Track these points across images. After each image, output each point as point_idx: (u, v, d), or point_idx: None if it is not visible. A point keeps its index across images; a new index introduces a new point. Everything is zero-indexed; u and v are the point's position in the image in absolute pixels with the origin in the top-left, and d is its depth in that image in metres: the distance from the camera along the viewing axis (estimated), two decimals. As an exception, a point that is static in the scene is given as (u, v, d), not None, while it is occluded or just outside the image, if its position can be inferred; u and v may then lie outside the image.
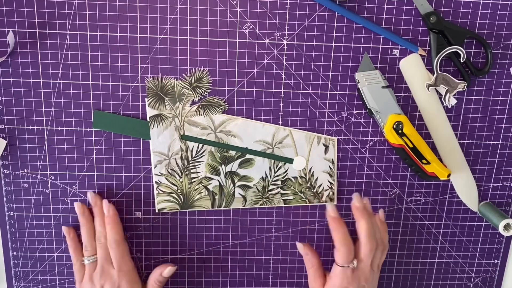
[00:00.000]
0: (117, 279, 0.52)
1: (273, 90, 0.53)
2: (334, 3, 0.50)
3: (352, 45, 0.52)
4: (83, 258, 0.53)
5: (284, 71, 0.53)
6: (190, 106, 0.53)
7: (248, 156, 0.55)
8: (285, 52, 0.52)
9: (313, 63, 0.53)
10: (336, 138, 0.55)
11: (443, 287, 0.62)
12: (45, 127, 0.53)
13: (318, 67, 0.53)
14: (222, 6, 0.50)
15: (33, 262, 0.58)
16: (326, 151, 0.55)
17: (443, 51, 0.51)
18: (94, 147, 0.54)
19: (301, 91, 0.53)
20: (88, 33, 0.50)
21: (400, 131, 0.52)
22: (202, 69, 0.52)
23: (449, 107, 0.54)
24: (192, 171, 0.55)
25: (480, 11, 0.52)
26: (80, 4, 0.49)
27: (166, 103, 0.53)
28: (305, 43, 0.52)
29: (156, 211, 0.56)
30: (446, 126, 0.55)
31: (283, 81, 0.53)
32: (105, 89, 0.52)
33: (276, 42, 0.52)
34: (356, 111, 0.55)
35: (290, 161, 0.55)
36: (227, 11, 0.50)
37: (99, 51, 0.51)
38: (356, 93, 0.54)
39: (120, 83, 0.52)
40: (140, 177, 0.55)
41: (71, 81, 0.52)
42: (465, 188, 0.57)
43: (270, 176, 0.56)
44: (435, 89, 0.53)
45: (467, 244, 0.60)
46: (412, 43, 0.52)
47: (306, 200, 0.57)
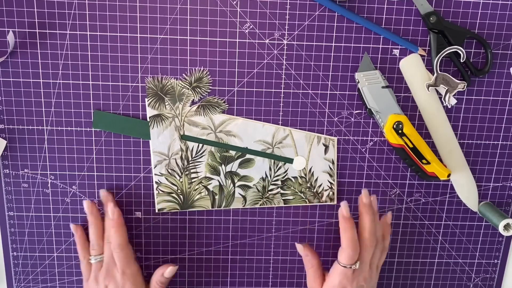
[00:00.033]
0: (120, 281, 0.52)
1: (273, 90, 0.53)
2: (334, 3, 0.50)
3: (352, 45, 0.52)
4: (90, 256, 0.53)
5: (284, 71, 0.53)
6: (190, 106, 0.53)
7: (248, 156, 0.55)
8: (285, 52, 0.52)
9: (313, 63, 0.53)
10: (336, 138, 0.55)
11: (443, 287, 0.62)
12: (45, 127, 0.53)
13: (318, 67, 0.53)
14: (222, 6, 0.50)
15: (33, 262, 0.58)
16: (326, 151, 0.55)
17: (443, 51, 0.51)
18: (94, 147, 0.54)
19: (301, 91, 0.53)
20: (88, 33, 0.50)
21: (400, 131, 0.52)
22: (202, 69, 0.52)
23: (449, 107, 0.54)
24: (192, 171, 0.55)
25: (480, 11, 0.52)
26: (80, 4, 0.49)
27: (166, 103, 0.53)
28: (305, 43, 0.52)
29: (156, 211, 0.56)
30: (446, 126, 0.55)
31: (283, 81, 0.53)
32: (105, 89, 0.52)
33: (276, 42, 0.52)
34: (356, 111, 0.55)
35: (290, 161, 0.55)
36: (227, 11, 0.50)
37: (99, 51, 0.51)
38: (356, 93, 0.54)
39: (120, 83, 0.52)
40: (140, 177, 0.55)
41: (71, 81, 0.52)
42: (465, 188, 0.57)
43: (270, 176, 0.56)
44: (435, 89, 0.53)
45: (467, 244, 0.60)
46: (412, 43, 0.52)
47: (306, 200, 0.57)
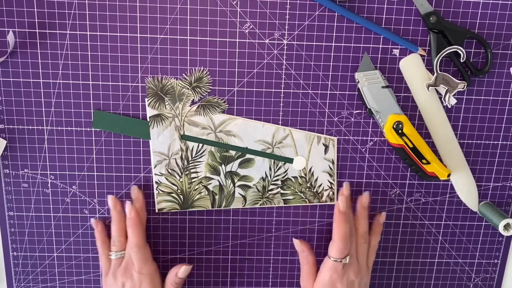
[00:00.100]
0: (137, 280, 0.52)
1: (273, 90, 0.53)
2: (334, 3, 0.50)
3: (352, 45, 0.52)
4: (110, 252, 0.53)
5: (284, 71, 0.53)
6: (190, 106, 0.53)
7: (248, 156, 0.55)
8: (285, 52, 0.52)
9: (313, 63, 0.53)
10: (336, 138, 0.55)
11: (443, 287, 0.62)
12: (45, 127, 0.53)
13: (318, 67, 0.53)
14: (222, 6, 0.50)
15: (33, 262, 0.58)
16: (326, 151, 0.55)
17: (443, 51, 0.51)
18: (94, 147, 0.54)
19: (301, 91, 0.53)
20: (88, 33, 0.50)
21: (400, 131, 0.52)
22: (202, 69, 0.52)
23: (449, 107, 0.54)
24: (192, 171, 0.55)
25: (480, 11, 0.52)
26: (80, 4, 0.49)
27: (166, 103, 0.53)
28: (305, 43, 0.52)
29: (156, 211, 0.56)
30: (446, 126, 0.55)
31: (283, 81, 0.53)
32: (105, 89, 0.52)
33: (276, 42, 0.52)
34: (356, 111, 0.55)
35: (290, 161, 0.55)
36: (227, 11, 0.50)
37: (99, 51, 0.51)
38: (356, 93, 0.54)
39: (120, 83, 0.52)
40: (140, 177, 0.55)
41: (71, 81, 0.52)
42: (465, 188, 0.57)
43: (270, 176, 0.56)
44: (435, 89, 0.53)
45: (467, 244, 0.60)
46: (412, 43, 0.52)
47: (306, 200, 0.57)
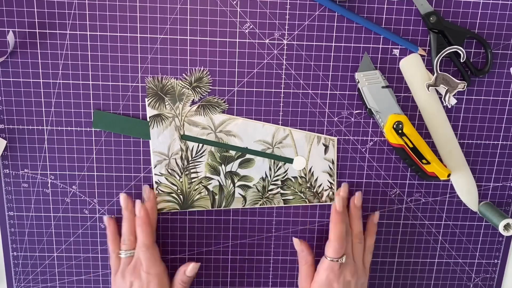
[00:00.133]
0: (145, 280, 0.52)
1: (273, 90, 0.53)
2: (334, 3, 0.50)
3: (352, 45, 0.52)
4: (120, 251, 0.53)
5: (284, 71, 0.53)
6: (190, 106, 0.53)
7: (248, 156, 0.55)
8: (285, 52, 0.52)
9: (313, 63, 0.53)
10: (336, 138, 0.55)
11: (443, 287, 0.62)
12: (45, 127, 0.53)
13: (318, 67, 0.53)
14: (222, 6, 0.50)
15: (33, 262, 0.58)
16: (326, 151, 0.55)
17: (443, 51, 0.51)
18: (94, 147, 0.54)
19: (301, 91, 0.53)
20: (88, 33, 0.50)
21: (400, 131, 0.52)
22: (202, 69, 0.52)
23: (449, 107, 0.54)
24: (192, 171, 0.55)
25: (480, 11, 0.52)
26: (80, 4, 0.49)
27: (166, 103, 0.53)
28: (305, 43, 0.52)
29: (157, 211, 0.56)
30: (446, 126, 0.55)
31: (283, 81, 0.53)
32: (105, 89, 0.52)
33: (276, 42, 0.52)
34: (356, 111, 0.54)
35: (290, 161, 0.55)
36: (227, 11, 0.50)
37: (99, 51, 0.51)
38: (356, 93, 0.54)
39: (120, 83, 0.52)
40: (140, 177, 0.55)
41: (71, 81, 0.52)
42: (465, 188, 0.57)
43: (270, 176, 0.56)
44: (435, 89, 0.53)
45: (467, 244, 0.60)
46: (412, 43, 0.52)
47: (306, 200, 0.57)
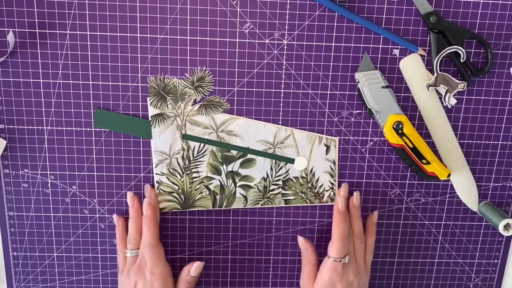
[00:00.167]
0: (149, 280, 0.52)
1: (273, 90, 0.53)
2: (334, 3, 0.50)
3: (352, 45, 0.52)
4: (126, 250, 0.53)
5: (284, 71, 0.53)
6: (192, 105, 0.53)
7: (250, 156, 0.55)
8: (285, 52, 0.52)
9: (313, 63, 0.53)
10: (338, 139, 0.55)
11: (443, 287, 0.62)
12: (45, 127, 0.53)
13: (318, 67, 0.53)
14: (222, 6, 0.50)
15: (33, 262, 0.58)
16: (327, 152, 0.55)
17: (443, 51, 0.51)
18: (94, 147, 0.54)
19: (301, 91, 0.53)
20: (88, 33, 0.50)
21: (400, 131, 0.52)
22: (204, 68, 0.52)
23: (449, 107, 0.54)
24: (193, 170, 0.55)
25: (480, 11, 0.52)
26: (80, 4, 0.49)
27: (168, 102, 0.53)
28: (305, 43, 0.52)
29: (159, 211, 0.56)
30: (446, 126, 0.55)
31: (283, 81, 0.53)
32: (105, 89, 0.52)
33: (276, 42, 0.52)
34: (356, 111, 0.55)
35: (292, 161, 0.55)
36: (227, 11, 0.50)
37: (99, 51, 0.51)
38: (356, 93, 0.54)
39: (120, 83, 0.52)
40: (140, 177, 0.55)
41: (71, 81, 0.52)
42: (465, 188, 0.57)
43: (271, 176, 0.56)
44: (435, 89, 0.53)
45: (467, 244, 0.60)
46: (412, 43, 0.52)
47: (307, 201, 0.57)
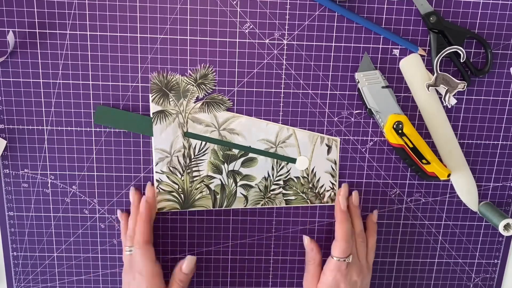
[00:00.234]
0: (137, 280, 0.51)
1: (273, 90, 0.53)
2: (334, 3, 0.50)
3: (352, 45, 0.52)
4: (126, 247, 0.53)
5: (284, 71, 0.53)
6: (195, 102, 0.53)
7: (251, 155, 0.55)
8: (285, 52, 0.52)
9: (313, 63, 0.53)
10: (339, 139, 0.55)
11: (443, 287, 0.62)
12: (45, 127, 0.53)
13: (318, 67, 0.53)
14: (222, 6, 0.50)
15: (33, 262, 0.58)
16: (329, 152, 0.55)
17: (443, 51, 0.51)
18: (94, 147, 0.54)
19: (301, 91, 0.53)
20: (88, 33, 0.50)
21: (400, 131, 0.52)
22: (207, 65, 0.52)
23: (449, 107, 0.54)
24: (194, 169, 0.55)
25: (480, 11, 0.52)
26: (80, 4, 0.49)
27: (170, 99, 0.53)
28: (305, 43, 0.52)
29: (156, 210, 0.56)
30: (446, 126, 0.55)
31: (283, 81, 0.53)
32: (105, 89, 0.52)
33: (276, 42, 0.52)
34: (356, 111, 0.55)
35: (293, 160, 0.55)
36: (227, 11, 0.50)
37: (99, 51, 0.51)
38: (356, 93, 0.54)
39: (120, 83, 0.52)
40: (140, 177, 0.55)
41: (71, 81, 0.52)
42: (465, 188, 0.57)
43: (273, 175, 0.56)
44: (435, 89, 0.53)
45: (467, 244, 0.60)
46: (412, 43, 0.52)
47: (308, 201, 0.57)
